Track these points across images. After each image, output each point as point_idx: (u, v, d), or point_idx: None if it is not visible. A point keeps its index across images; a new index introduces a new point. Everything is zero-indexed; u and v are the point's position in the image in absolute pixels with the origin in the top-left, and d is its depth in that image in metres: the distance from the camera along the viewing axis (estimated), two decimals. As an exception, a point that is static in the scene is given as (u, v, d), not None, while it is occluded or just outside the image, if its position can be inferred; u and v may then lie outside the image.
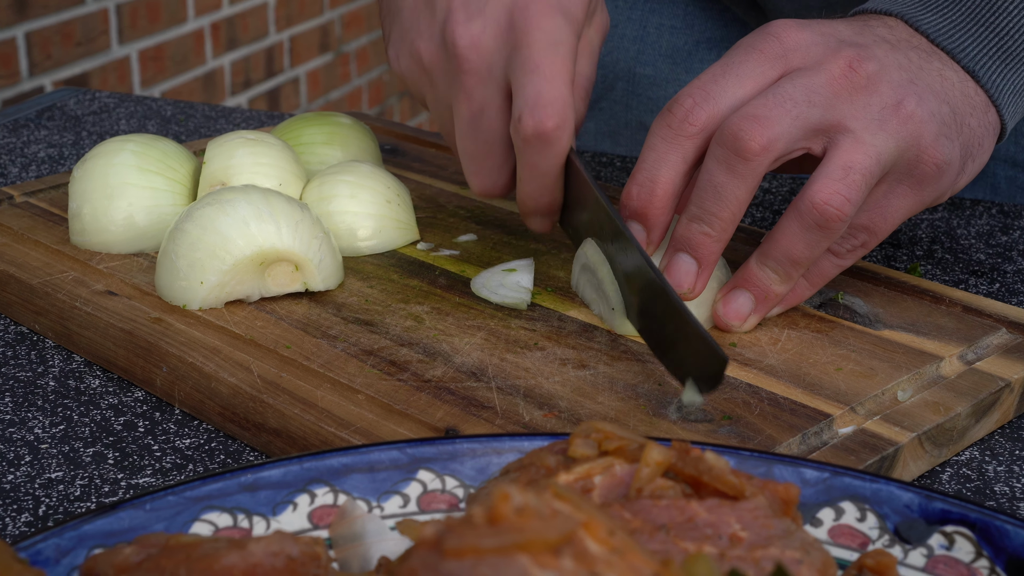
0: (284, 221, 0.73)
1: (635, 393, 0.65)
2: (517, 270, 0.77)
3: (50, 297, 0.75)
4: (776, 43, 0.69)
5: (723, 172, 0.66)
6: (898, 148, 0.67)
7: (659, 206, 0.69)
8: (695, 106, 0.68)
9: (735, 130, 0.65)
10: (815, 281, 0.71)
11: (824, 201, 0.66)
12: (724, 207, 0.67)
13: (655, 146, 0.69)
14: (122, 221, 0.80)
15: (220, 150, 0.82)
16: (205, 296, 0.73)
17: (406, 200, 0.83)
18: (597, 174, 1.01)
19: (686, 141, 0.68)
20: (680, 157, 0.68)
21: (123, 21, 2.94)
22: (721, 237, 0.67)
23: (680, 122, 0.68)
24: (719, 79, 0.68)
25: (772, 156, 0.66)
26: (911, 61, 0.69)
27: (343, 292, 0.76)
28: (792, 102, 0.66)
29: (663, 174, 0.68)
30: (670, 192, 0.68)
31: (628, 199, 0.69)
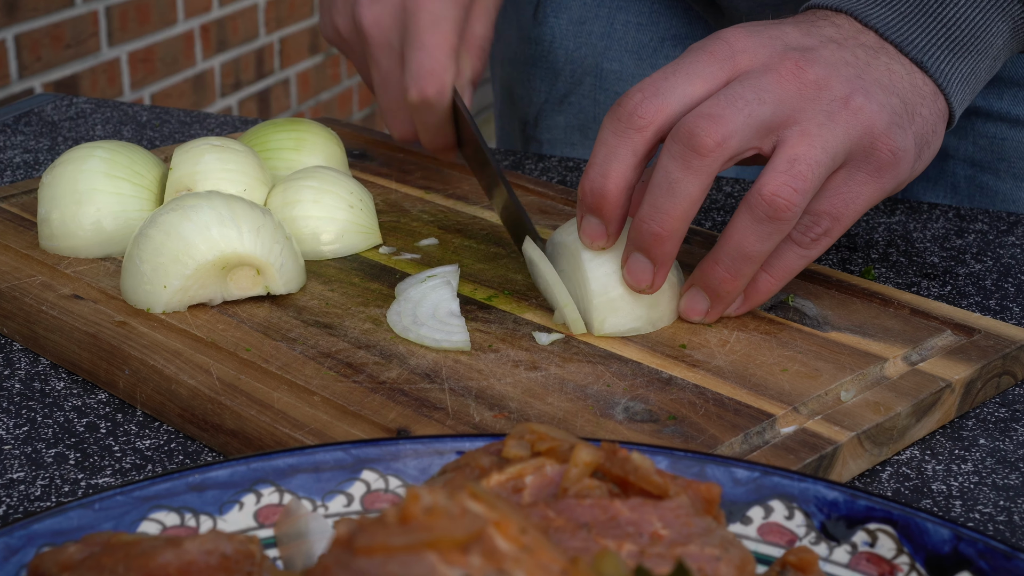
0: (246, 226, 0.75)
1: (584, 394, 0.66)
2: (438, 276, 0.77)
3: (17, 301, 0.77)
4: (724, 46, 0.71)
5: (678, 168, 0.68)
6: (849, 138, 0.69)
7: (612, 200, 0.70)
8: (644, 100, 0.69)
9: (690, 127, 0.67)
10: (780, 275, 0.72)
11: (772, 193, 0.68)
12: (677, 204, 0.68)
13: (605, 140, 0.70)
14: (90, 226, 0.81)
15: (186, 156, 0.84)
16: (168, 300, 0.74)
17: (369, 205, 0.84)
18: (563, 179, 1.03)
19: (635, 135, 0.69)
20: (630, 150, 0.70)
21: (113, 23, 2.95)
22: (674, 235, 0.69)
23: (629, 116, 0.70)
24: (669, 77, 0.70)
25: (726, 153, 0.67)
26: (858, 58, 0.71)
27: (304, 295, 0.77)
28: (743, 101, 0.68)
29: (614, 168, 0.70)
30: (622, 185, 0.70)
31: (583, 194, 0.71)
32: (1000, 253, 0.89)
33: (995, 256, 0.89)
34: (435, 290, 0.75)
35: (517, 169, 1.04)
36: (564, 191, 0.93)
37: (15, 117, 1.15)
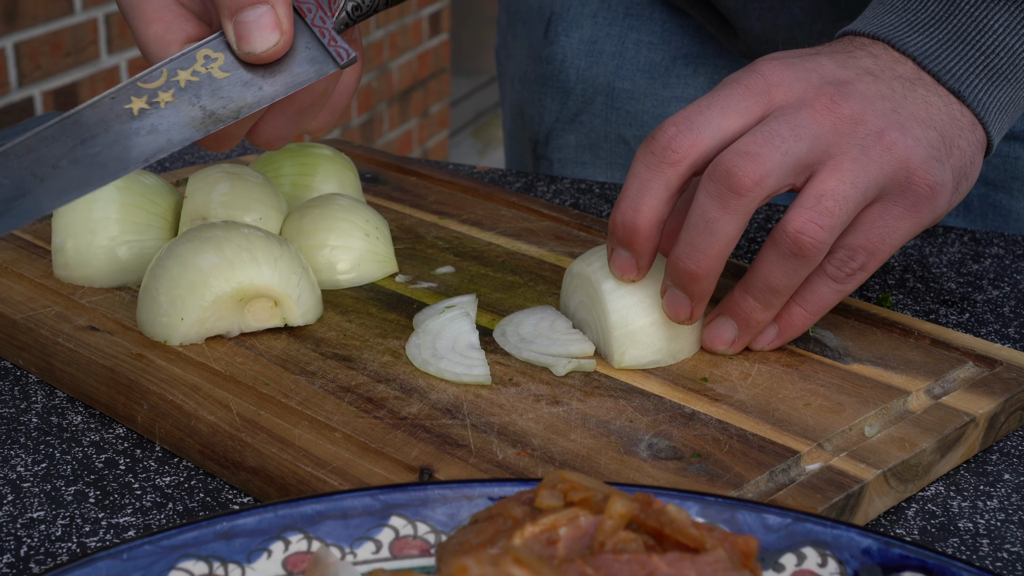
0: (263, 257, 0.75)
1: (607, 430, 0.66)
2: (457, 306, 0.78)
3: (33, 332, 0.76)
4: (760, 79, 0.70)
5: (715, 207, 0.67)
6: (882, 173, 0.69)
7: (643, 234, 0.70)
8: (678, 134, 0.69)
9: (728, 166, 0.67)
10: (814, 309, 0.72)
11: (796, 230, 0.68)
12: (714, 243, 0.68)
13: (638, 174, 0.70)
14: (105, 255, 0.81)
15: (201, 184, 0.83)
16: (186, 332, 0.74)
17: (385, 233, 0.84)
18: (576, 201, 1.02)
19: (669, 169, 0.69)
20: (663, 185, 0.69)
21: (112, 31, 2.95)
22: (710, 274, 0.69)
23: (663, 149, 0.69)
24: (704, 110, 0.70)
25: (764, 192, 0.67)
26: (894, 91, 0.71)
27: (322, 327, 0.77)
28: (780, 138, 0.68)
29: (646, 202, 0.70)
30: (654, 220, 0.70)
31: (614, 227, 0.71)
32: (1017, 279, 0.89)
33: (1012, 282, 0.88)
34: (454, 322, 0.75)
35: (529, 191, 1.04)
36: (579, 216, 0.92)
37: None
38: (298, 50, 0.67)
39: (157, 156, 0.64)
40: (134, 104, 0.64)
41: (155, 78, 0.65)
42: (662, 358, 0.72)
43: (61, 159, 0.62)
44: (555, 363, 0.72)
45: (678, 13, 1.10)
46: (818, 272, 0.71)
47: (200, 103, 0.65)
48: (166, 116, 0.64)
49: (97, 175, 0.63)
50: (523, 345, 0.73)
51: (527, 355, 0.73)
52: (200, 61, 0.66)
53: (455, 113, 4.35)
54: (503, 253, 0.87)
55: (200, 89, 0.65)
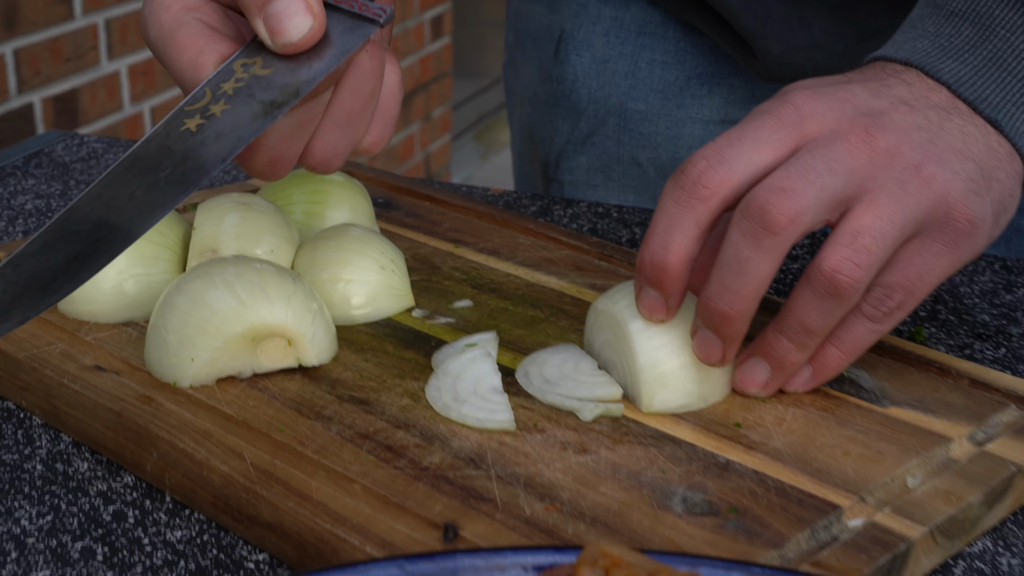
0: (276, 295, 0.72)
1: (638, 482, 0.63)
2: (478, 344, 0.75)
3: (37, 373, 0.73)
4: (792, 110, 0.67)
5: (749, 246, 0.65)
6: (920, 208, 0.66)
7: (673, 273, 0.67)
8: (708, 168, 0.66)
9: (761, 202, 0.64)
10: (850, 350, 0.69)
11: (833, 268, 0.65)
12: (747, 283, 0.65)
13: (667, 210, 0.67)
14: (111, 290, 0.78)
15: (210, 215, 0.80)
16: (196, 373, 0.71)
17: (400, 266, 0.81)
18: (593, 226, 1.00)
19: (699, 205, 0.66)
20: (693, 222, 0.67)
21: (113, 36, 2.92)
22: (744, 315, 0.66)
23: (693, 185, 0.66)
24: (734, 143, 0.67)
25: (799, 230, 0.64)
26: (930, 121, 0.68)
27: (337, 366, 0.74)
28: (815, 173, 0.65)
29: (676, 239, 0.67)
30: (684, 258, 0.67)
31: (642, 265, 0.68)
32: (1053, 311, 0.86)
33: (1048, 314, 0.86)
34: (475, 363, 0.72)
35: (545, 215, 1.01)
36: (599, 244, 0.89)
37: (25, 158, 1.11)
38: (332, 28, 0.65)
39: (232, 155, 0.62)
40: (188, 124, 0.63)
41: (200, 98, 0.64)
42: (693, 402, 0.70)
43: (134, 191, 0.61)
44: (581, 408, 0.69)
45: (692, 32, 1.07)
46: (854, 311, 0.68)
47: (256, 98, 0.63)
48: (226, 121, 0.63)
49: (176, 191, 0.62)
50: (547, 388, 0.71)
51: (552, 399, 0.70)
52: (238, 72, 0.64)
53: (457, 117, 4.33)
54: (522, 285, 0.84)
55: (251, 89, 0.64)
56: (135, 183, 0.61)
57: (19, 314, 0.59)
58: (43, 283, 0.59)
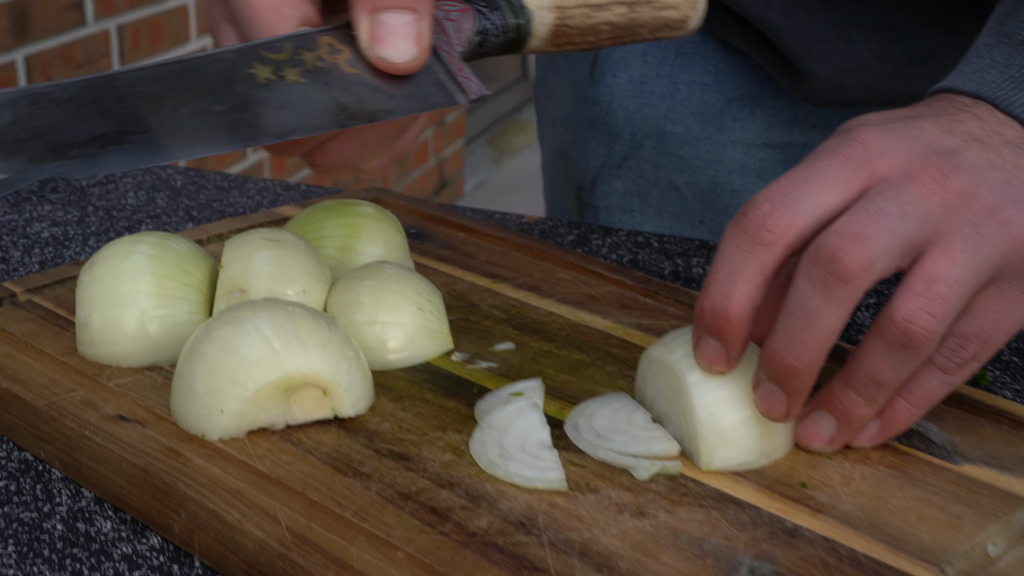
0: (311, 342, 0.68)
1: (701, 550, 0.59)
2: (524, 393, 0.71)
3: (56, 423, 0.69)
4: (860, 148, 0.63)
5: (818, 295, 0.60)
6: (997, 253, 0.62)
7: (735, 323, 0.63)
8: (773, 211, 0.62)
9: (831, 249, 0.60)
10: (921, 403, 0.65)
11: (906, 319, 0.61)
12: (815, 335, 0.61)
13: (729, 255, 0.63)
14: (134, 332, 0.74)
15: (238, 253, 0.76)
16: (226, 426, 0.67)
17: (439, 306, 0.77)
18: (634, 257, 0.95)
19: (764, 250, 0.62)
20: (757, 268, 0.62)
21: (124, 42, 2.88)
22: (811, 368, 0.62)
23: (756, 229, 0.62)
24: (800, 184, 0.63)
25: (871, 278, 0.60)
26: (1005, 160, 0.64)
27: (374, 417, 0.70)
28: (887, 217, 0.61)
29: (738, 287, 0.63)
30: (747, 307, 0.63)
31: (702, 314, 0.64)
32: (1123, 352, 0.82)
33: (1117, 355, 0.81)
34: (521, 415, 0.68)
35: (582, 245, 0.97)
36: (643, 279, 0.85)
37: (40, 181, 1.07)
38: (427, 73, 0.61)
39: (289, 136, 0.58)
40: (259, 71, 0.58)
41: (278, 50, 0.59)
42: (755, 459, 0.65)
43: (182, 105, 0.56)
44: (636, 465, 0.65)
45: (733, 52, 1.03)
46: (926, 362, 0.64)
47: (331, 93, 0.59)
48: (295, 95, 0.58)
49: (225, 136, 0.57)
50: (599, 442, 0.66)
51: (604, 455, 0.66)
52: (324, 48, 0.60)
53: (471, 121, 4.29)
54: (565, 325, 0.80)
55: (329, 77, 0.59)
56: (186, 97, 0.56)
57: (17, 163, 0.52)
58: (54, 143, 0.53)
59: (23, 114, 0.53)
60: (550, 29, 0.66)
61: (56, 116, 0.53)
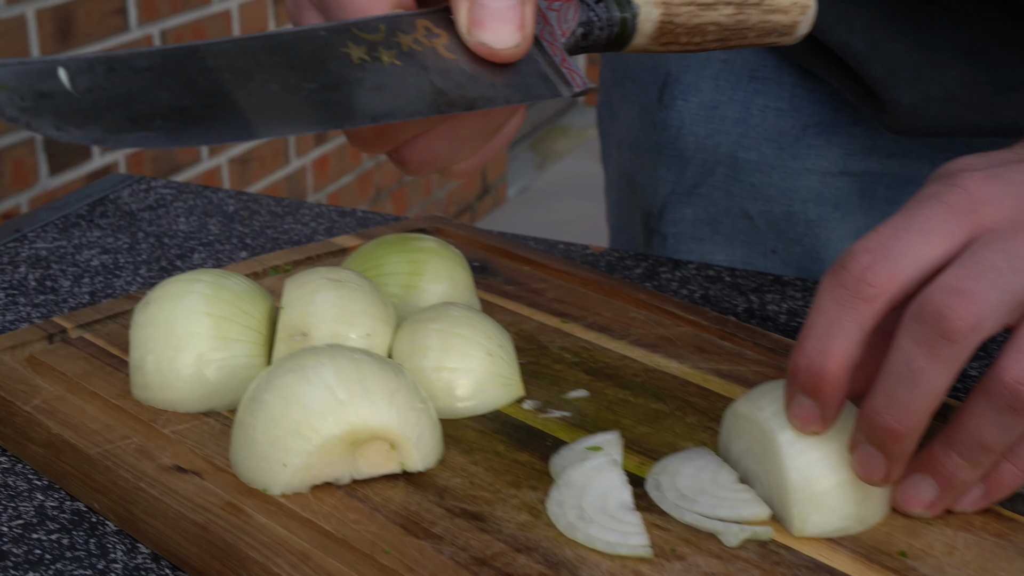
0: (378, 392, 0.64)
1: (799, 628, 0.55)
2: (602, 448, 0.67)
3: (110, 473, 0.66)
4: (964, 195, 0.59)
5: (923, 355, 0.57)
6: None
7: (832, 381, 0.59)
8: (874, 263, 0.58)
9: (937, 306, 0.56)
10: None
11: (1016, 380, 0.57)
12: (919, 397, 0.57)
13: (826, 309, 0.59)
14: (190, 376, 0.71)
15: (299, 293, 0.73)
16: (288, 480, 0.63)
17: (509, 351, 0.73)
18: (706, 292, 0.92)
19: (863, 305, 0.58)
20: (856, 324, 0.59)
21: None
22: (914, 432, 0.58)
23: (856, 282, 0.58)
24: (900, 234, 0.59)
25: (980, 337, 0.56)
26: None
27: (444, 471, 0.66)
28: (996, 271, 0.57)
29: (836, 344, 0.59)
30: (844, 365, 0.59)
31: (796, 371, 0.60)
32: None
33: None
34: (600, 473, 0.64)
35: (650, 279, 0.93)
36: (718, 319, 0.81)
37: (89, 205, 1.04)
38: (528, 62, 0.57)
39: (385, 119, 0.54)
40: (352, 51, 0.54)
41: (373, 30, 0.55)
42: (850, 525, 0.61)
43: (270, 80, 0.52)
44: (724, 530, 0.61)
45: (809, 76, 0.98)
46: None
47: (429, 77, 0.55)
48: (391, 77, 0.55)
49: (318, 115, 0.53)
50: (683, 504, 0.63)
51: (690, 518, 0.62)
52: (421, 31, 0.56)
53: (512, 127, 4.24)
54: (640, 370, 0.76)
55: (426, 61, 0.56)
56: (275, 73, 0.53)
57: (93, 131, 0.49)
58: (134, 113, 0.50)
59: (101, 80, 0.49)
60: (656, 26, 0.62)
61: (136, 85, 0.50)
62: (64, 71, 0.49)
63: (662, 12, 0.62)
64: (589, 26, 0.61)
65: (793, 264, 1.01)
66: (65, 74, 0.49)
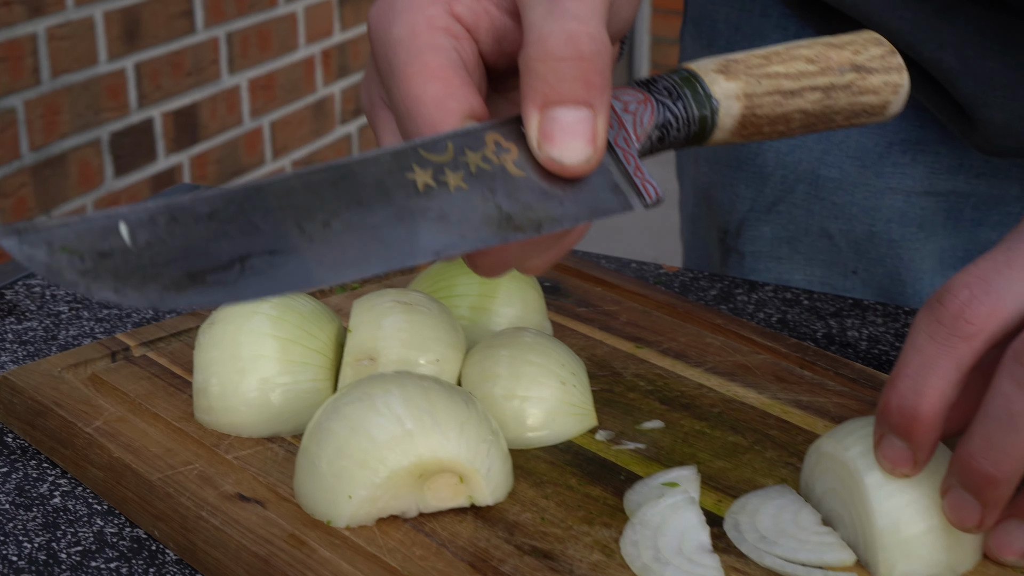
0: (448, 422, 0.62)
1: None
2: (678, 483, 0.64)
3: (171, 500, 0.64)
4: None
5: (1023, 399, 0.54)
6: None
7: (926, 422, 0.56)
8: (973, 299, 0.55)
9: None
10: None
11: None
12: (1019, 441, 0.54)
13: (921, 347, 0.56)
14: (255, 400, 0.69)
15: (367, 316, 0.71)
16: (354, 513, 0.61)
17: (582, 379, 0.71)
18: (783, 316, 0.89)
19: (961, 344, 0.55)
20: (953, 363, 0.56)
21: (234, 50, 2.86)
22: (1012, 478, 0.55)
23: (954, 319, 0.55)
24: (1002, 269, 0.56)
25: None
26: None
27: (514, 504, 0.64)
28: None
29: (931, 383, 0.56)
30: (939, 406, 0.56)
31: (887, 410, 0.57)
32: None
33: None
34: (677, 512, 0.61)
35: (725, 301, 0.90)
36: (798, 347, 0.78)
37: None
38: (600, 174, 0.54)
39: (448, 253, 0.51)
40: (418, 176, 0.51)
41: (440, 150, 0.52)
42: (940, 572, 0.58)
43: (332, 218, 0.49)
44: (806, 575, 0.58)
45: (894, 91, 0.95)
46: None
47: (495, 200, 0.52)
48: (456, 204, 0.52)
49: (379, 254, 0.50)
50: (763, 546, 0.60)
51: (770, 562, 0.59)
52: (490, 147, 0.53)
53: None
54: (718, 400, 0.73)
55: (494, 182, 0.53)
56: (338, 209, 0.50)
57: (151, 291, 0.46)
58: (193, 268, 0.46)
59: (162, 233, 0.47)
60: (737, 120, 0.59)
61: (197, 235, 0.47)
62: (125, 226, 0.46)
63: (744, 105, 0.59)
64: (666, 128, 0.58)
65: (874, 285, 0.98)
66: (126, 229, 0.46)
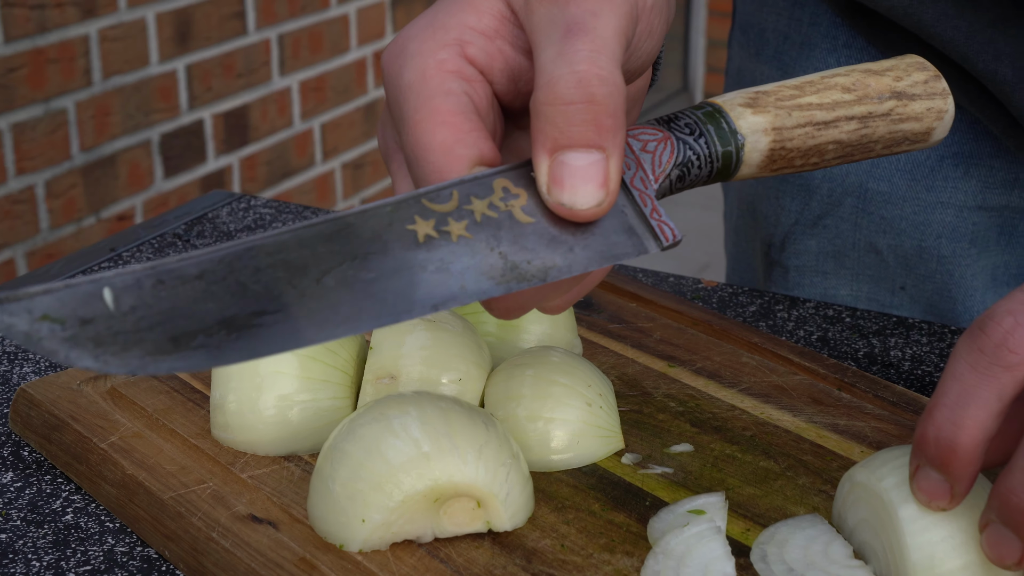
0: (466, 445, 0.60)
1: None
2: (705, 511, 0.62)
3: (183, 520, 0.63)
4: None
5: None
6: None
7: (965, 455, 0.54)
8: (1017, 327, 0.53)
9: None
10: None
11: None
12: None
13: (961, 376, 0.53)
14: (272, 418, 0.67)
15: (390, 333, 0.69)
16: (367, 537, 0.60)
17: (609, 400, 0.69)
18: (824, 334, 0.86)
19: (1003, 374, 0.53)
20: (994, 394, 0.53)
21: (285, 52, 2.85)
22: None
23: (996, 348, 0.53)
24: None
25: None
26: None
27: (534, 530, 0.62)
28: None
29: (971, 415, 0.53)
30: (979, 438, 0.53)
31: (924, 441, 0.54)
32: None
33: None
34: (702, 542, 0.59)
35: (765, 318, 0.88)
36: (837, 367, 0.76)
37: (187, 224, 1.01)
38: (613, 216, 0.52)
39: (447, 305, 0.49)
40: (419, 227, 0.49)
41: (444, 199, 0.50)
42: (977, 612, 0.56)
43: (326, 275, 0.47)
44: None
45: (947, 104, 0.92)
46: None
47: (500, 249, 0.50)
48: (459, 255, 0.49)
49: (372, 311, 0.48)
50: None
51: None
52: (498, 193, 0.51)
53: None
54: (750, 423, 0.71)
55: (499, 231, 0.50)
56: (332, 264, 0.48)
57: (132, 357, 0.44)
58: (176, 332, 0.45)
59: (147, 297, 0.45)
60: (765, 155, 0.55)
61: (183, 297, 0.45)
62: (110, 291, 0.44)
63: (772, 139, 0.55)
64: (686, 167, 0.54)
65: (922, 302, 0.95)
66: (110, 294, 0.44)
